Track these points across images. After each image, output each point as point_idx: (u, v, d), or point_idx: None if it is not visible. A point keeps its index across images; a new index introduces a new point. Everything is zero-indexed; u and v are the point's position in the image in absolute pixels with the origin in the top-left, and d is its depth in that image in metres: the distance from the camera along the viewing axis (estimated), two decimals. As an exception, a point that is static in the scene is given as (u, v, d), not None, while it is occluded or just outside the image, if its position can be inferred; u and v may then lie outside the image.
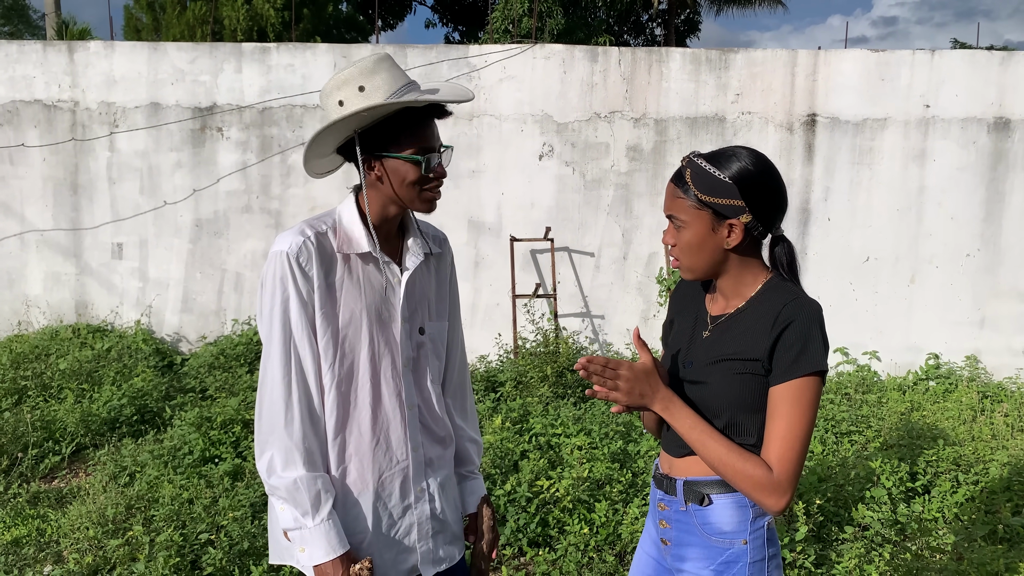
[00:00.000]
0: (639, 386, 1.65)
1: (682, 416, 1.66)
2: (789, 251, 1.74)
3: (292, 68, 6.86)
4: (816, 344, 1.61)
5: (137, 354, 6.39)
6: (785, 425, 1.59)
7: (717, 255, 1.69)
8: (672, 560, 1.81)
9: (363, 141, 1.70)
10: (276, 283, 1.69)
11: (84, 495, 4.19)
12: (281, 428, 1.68)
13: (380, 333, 1.78)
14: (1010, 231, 6.49)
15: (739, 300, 1.73)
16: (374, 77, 1.67)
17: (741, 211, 1.64)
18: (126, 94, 6.97)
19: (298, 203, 6.96)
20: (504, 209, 6.82)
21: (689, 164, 1.68)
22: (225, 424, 4.77)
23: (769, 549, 1.73)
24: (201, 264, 7.08)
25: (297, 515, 1.67)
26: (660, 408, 1.66)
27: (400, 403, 1.81)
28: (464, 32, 22.84)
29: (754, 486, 1.59)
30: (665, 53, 6.65)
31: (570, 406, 5.28)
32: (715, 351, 1.71)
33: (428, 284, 1.90)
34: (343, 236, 1.76)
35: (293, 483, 1.67)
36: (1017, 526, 3.86)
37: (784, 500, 1.59)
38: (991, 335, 6.56)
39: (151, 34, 13.73)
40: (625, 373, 1.64)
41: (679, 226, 1.69)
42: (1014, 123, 6.40)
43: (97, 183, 7.06)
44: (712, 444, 1.63)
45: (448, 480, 1.93)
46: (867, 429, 5.04)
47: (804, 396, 1.60)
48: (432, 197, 1.75)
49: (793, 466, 1.58)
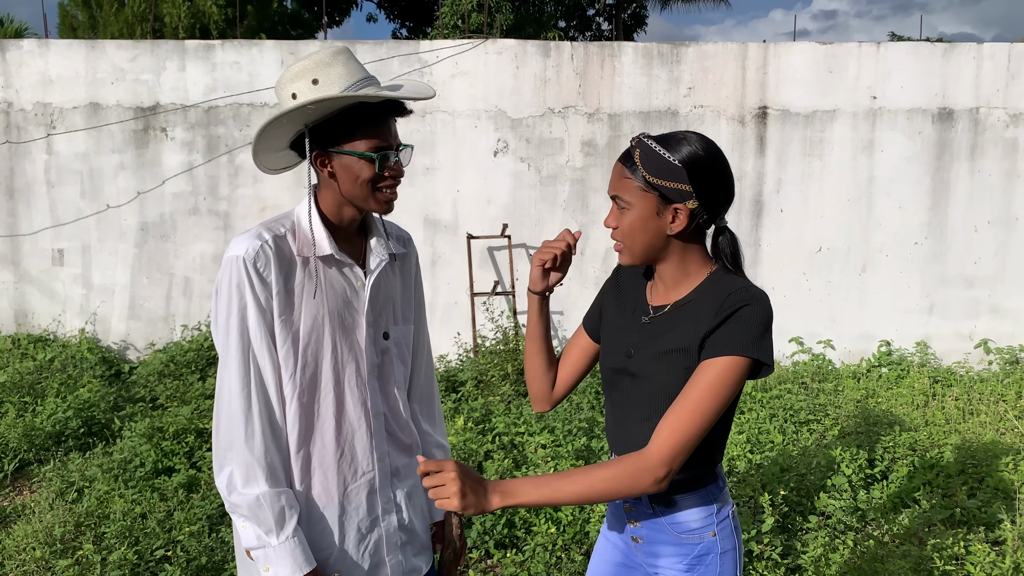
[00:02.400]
0: (469, 480, 1.47)
1: (525, 486, 1.50)
2: (733, 242, 1.68)
3: (238, 66, 6.68)
4: (757, 331, 1.54)
5: (82, 364, 6.16)
6: (694, 400, 1.51)
7: (659, 240, 1.63)
8: (645, 556, 1.80)
9: (315, 136, 1.63)
10: (232, 290, 1.60)
11: (29, 513, 4.00)
12: (241, 443, 1.60)
13: (343, 339, 1.71)
14: (955, 219, 6.64)
15: (681, 291, 1.68)
16: (329, 70, 1.60)
17: (688, 196, 1.58)
18: (63, 94, 6.71)
19: (247, 204, 6.79)
20: (460, 206, 6.74)
21: (639, 145, 1.61)
22: (178, 434, 4.62)
23: (736, 539, 1.75)
24: (148, 269, 6.86)
25: (260, 533, 1.60)
26: (499, 500, 1.47)
27: (365, 412, 1.74)
28: (411, 28, 22.64)
29: (630, 482, 1.50)
30: (617, 47, 6.65)
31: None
32: (659, 344, 1.65)
33: (393, 287, 1.83)
34: (302, 238, 1.68)
35: (255, 500, 1.60)
36: (973, 508, 3.94)
37: (659, 476, 1.50)
38: (939, 321, 6.71)
39: (87, 32, 13.29)
40: (451, 471, 1.46)
41: (623, 207, 1.63)
42: (957, 113, 6.55)
43: (35, 187, 6.79)
44: (568, 482, 1.50)
45: (415, 489, 1.87)
46: (825, 417, 5.11)
47: (725, 376, 1.52)
48: (388, 198, 1.68)
49: (683, 442, 1.50)
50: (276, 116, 1.59)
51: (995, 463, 4.37)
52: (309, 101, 1.55)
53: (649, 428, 1.66)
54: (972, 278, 6.67)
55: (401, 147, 1.68)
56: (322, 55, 1.61)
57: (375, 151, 1.62)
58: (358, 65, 1.65)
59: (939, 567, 3.19)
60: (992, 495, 4.08)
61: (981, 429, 5.12)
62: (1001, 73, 6.51)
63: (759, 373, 1.58)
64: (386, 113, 1.65)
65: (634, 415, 1.71)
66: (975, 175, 6.59)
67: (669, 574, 1.74)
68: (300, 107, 1.56)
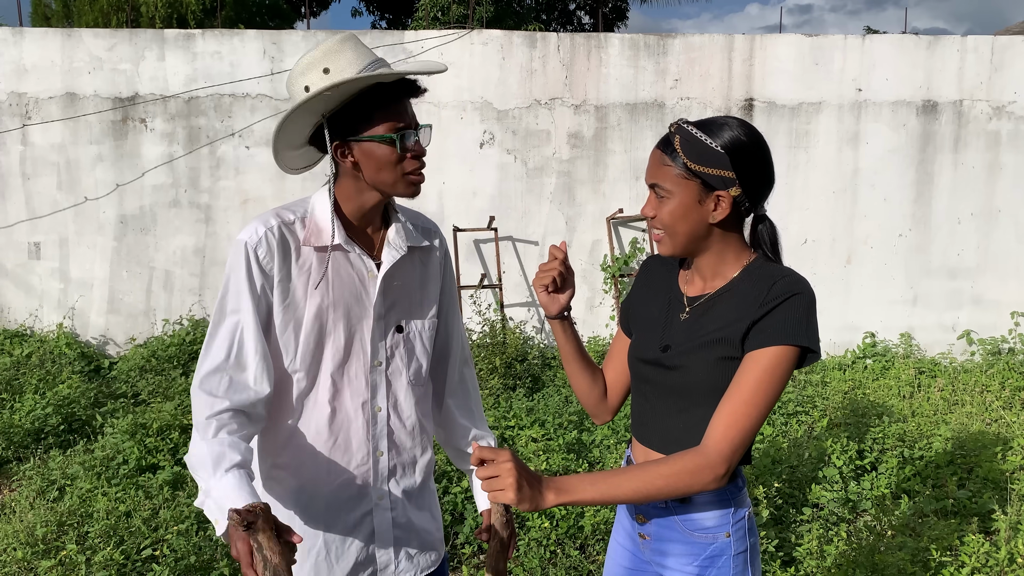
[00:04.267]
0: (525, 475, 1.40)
1: (582, 483, 1.44)
2: (772, 231, 1.65)
3: (219, 55, 6.56)
4: (805, 319, 1.50)
5: (61, 359, 6.03)
6: (750, 392, 1.48)
7: (701, 229, 1.59)
8: (652, 555, 1.73)
9: (333, 126, 1.60)
10: (232, 273, 1.61)
11: (9, 513, 3.90)
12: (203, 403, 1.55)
13: (347, 331, 1.67)
14: (939, 211, 6.68)
15: (720, 281, 1.63)
16: (339, 57, 1.57)
17: (731, 183, 1.54)
18: (38, 84, 6.55)
19: (229, 196, 6.68)
20: (446, 199, 6.68)
21: (679, 131, 1.56)
22: (161, 430, 4.53)
23: (750, 539, 1.68)
24: (127, 262, 6.72)
25: (203, 485, 1.48)
26: (553, 497, 1.41)
27: (363, 405, 1.70)
28: (391, 20, 22.44)
29: (689, 480, 1.47)
30: (604, 39, 6.60)
31: (522, 397, 5.20)
32: (696, 335, 1.61)
33: (412, 279, 1.78)
34: (312, 227, 1.66)
35: (199, 451, 1.51)
36: (964, 499, 3.96)
37: (719, 473, 1.47)
38: (924, 312, 6.76)
39: (62, 21, 13.03)
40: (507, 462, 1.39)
41: (662, 196, 1.58)
42: (941, 105, 6.58)
43: (9, 179, 6.63)
44: (626, 479, 1.46)
45: (420, 488, 1.82)
46: (813, 409, 5.12)
47: (778, 366, 1.49)
48: (416, 180, 1.65)
49: (742, 437, 1.47)
50: (293, 109, 1.56)
51: (984, 453, 4.39)
52: (324, 88, 1.52)
53: (684, 419, 1.62)
54: (955, 269, 6.72)
55: (420, 127, 1.66)
56: (330, 44, 1.59)
57: (395, 132, 1.60)
58: (367, 49, 1.62)
59: (935, 558, 3.20)
60: (982, 485, 4.11)
61: (967, 420, 5.15)
62: (984, 66, 6.54)
63: (805, 361, 1.54)
64: (401, 94, 1.62)
65: (668, 406, 1.66)
66: (958, 167, 6.63)
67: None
68: (315, 96, 1.53)
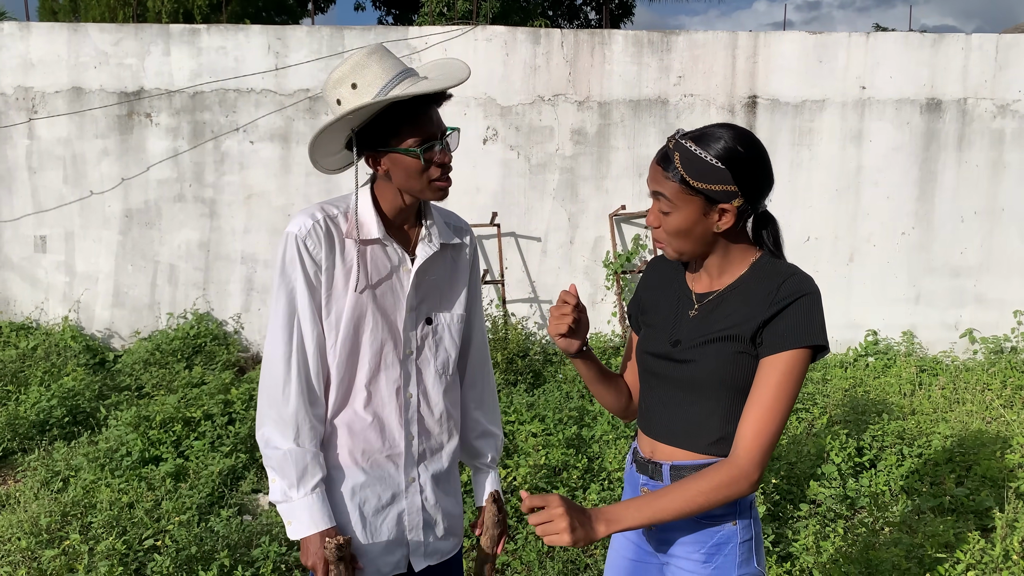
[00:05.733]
0: (575, 513, 1.47)
1: (628, 510, 1.53)
2: (775, 228, 1.70)
3: (224, 51, 6.59)
4: (815, 319, 1.57)
5: (66, 352, 6.08)
6: (772, 397, 1.55)
7: (707, 238, 1.64)
8: (657, 544, 1.76)
9: (364, 137, 1.71)
10: (285, 265, 1.73)
11: (14, 503, 3.95)
12: (278, 402, 1.72)
13: (384, 320, 1.79)
14: (942, 209, 6.67)
15: (728, 278, 1.68)
16: (365, 72, 1.66)
17: (734, 195, 1.58)
18: (45, 78, 6.59)
19: (233, 191, 6.71)
20: (450, 194, 6.68)
21: (676, 147, 1.59)
22: (165, 423, 4.57)
23: (755, 528, 1.71)
24: (132, 256, 6.77)
25: (285, 488, 1.71)
26: (604, 528, 1.50)
27: (397, 391, 1.82)
28: (397, 16, 22.45)
29: (727, 492, 1.53)
30: (608, 35, 6.61)
31: (522, 392, 5.23)
32: (706, 330, 1.65)
33: (442, 274, 1.89)
34: (354, 221, 1.77)
35: (283, 455, 1.71)
36: (961, 497, 3.97)
37: (754, 479, 1.54)
38: (926, 311, 6.75)
39: (68, 16, 13.08)
40: (557, 506, 1.47)
41: (665, 210, 1.62)
42: (945, 104, 6.57)
43: (16, 173, 6.68)
44: (669, 501, 1.53)
45: (447, 474, 1.92)
46: (813, 406, 5.13)
47: (795, 369, 1.56)
48: (442, 186, 1.76)
49: (769, 441, 1.54)
50: (321, 129, 1.69)
51: (983, 451, 4.40)
52: (346, 112, 1.64)
53: (691, 413, 1.67)
54: (958, 268, 6.71)
55: (448, 132, 1.76)
56: (358, 57, 1.68)
57: (420, 143, 1.69)
58: (393, 60, 1.70)
59: (930, 554, 3.21)
60: (980, 483, 4.12)
61: (968, 418, 5.16)
62: (989, 64, 6.53)
63: (816, 356, 1.60)
64: (426, 103, 1.71)
65: (677, 400, 1.71)
66: (962, 165, 6.62)
67: (685, 564, 1.70)
68: (341, 117, 1.65)
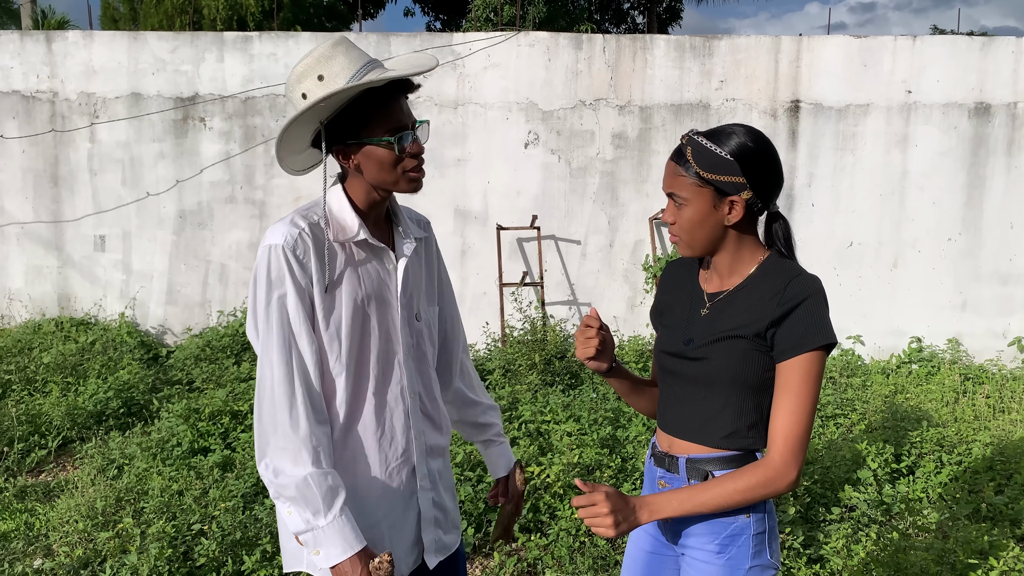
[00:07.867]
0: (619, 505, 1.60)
1: (670, 502, 1.64)
2: (785, 228, 1.77)
3: (275, 57, 6.80)
4: (824, 318, 1.64)
5: (122, 347, 6.34)
6: (796, 399, 1.62)
7: (717, 231, 1.71)
8: (673, 537, 1.82)
9: (332, 131, 1.66)
10: (271, 279, 1.62)
11: (72, 488, 4.16)
12: (287, 427, 1.61)
13: (381, 322, 1.75)
14: (990, 215, 6.56)
15: (737, 277, 1.75)
16: (331, 63, 1.61)
17: (742, 188, 1.66)
18: (106, 84, 6.89)
19: (283, 193, 6.92)
20: (490, 197, 6.81)
21: (689, 142, 1.69)
22: (213, 415, 4.75)
23: (769, 521, 1.76)
24: (185, 255, 7.02)
25: (308, 516, 1.59)
26: (647, 516, 1.63)
27: (402, 392, 1.79)
28: (445, 21, 22.71)
29: (764, 491, 1.62)
30: (649, 40, 6.65)
31: (559, 393, 5.30)
32: (716, 329, 1.72)
33: (419, 270, 1.88)
34: (336, 225, 1.71)
35: (303, 480, 1.59)
36: (1000, 505, 3.92)
37: (791, 479, 1.62)
38: (972, 318, 6.64)
39: (129, 24, 13.56)
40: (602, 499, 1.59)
41: (680, 204, 1.71)
42: (994, 108, 6.46)
43: (78, 174, 6.99)
44: (710, 496, 1.64)
45: (445, 468, 1.93)
46: (852, 412, 5.10)
47: (813, 370, 1.63)
48: (415, 177, 1.70)
49: (800, 442, 1.62)
50: (291, 120, 1.61)
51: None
52: (318, 100, 1.57)
53: (704, 408, 1.74)
54: (1007, 275, 6.58)
55: (418, 124, 1.70)
56: (322, 49, 1.62)
57: (392, 133, 1.64)
58: (359, 52, 1.65)
59: (962, 560, 3.20)
60: (1020, 492, 4.06)
61: (1012, 427, 5.07)
62: (1040, 67, 6.40)
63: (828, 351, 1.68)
64: (395, 93, 1.66)
65: (691, 396, 1.78)
66: (1012, 171, 6.50)
67: (699, 555, 1.75)
68: (311, 107, 1.58)
